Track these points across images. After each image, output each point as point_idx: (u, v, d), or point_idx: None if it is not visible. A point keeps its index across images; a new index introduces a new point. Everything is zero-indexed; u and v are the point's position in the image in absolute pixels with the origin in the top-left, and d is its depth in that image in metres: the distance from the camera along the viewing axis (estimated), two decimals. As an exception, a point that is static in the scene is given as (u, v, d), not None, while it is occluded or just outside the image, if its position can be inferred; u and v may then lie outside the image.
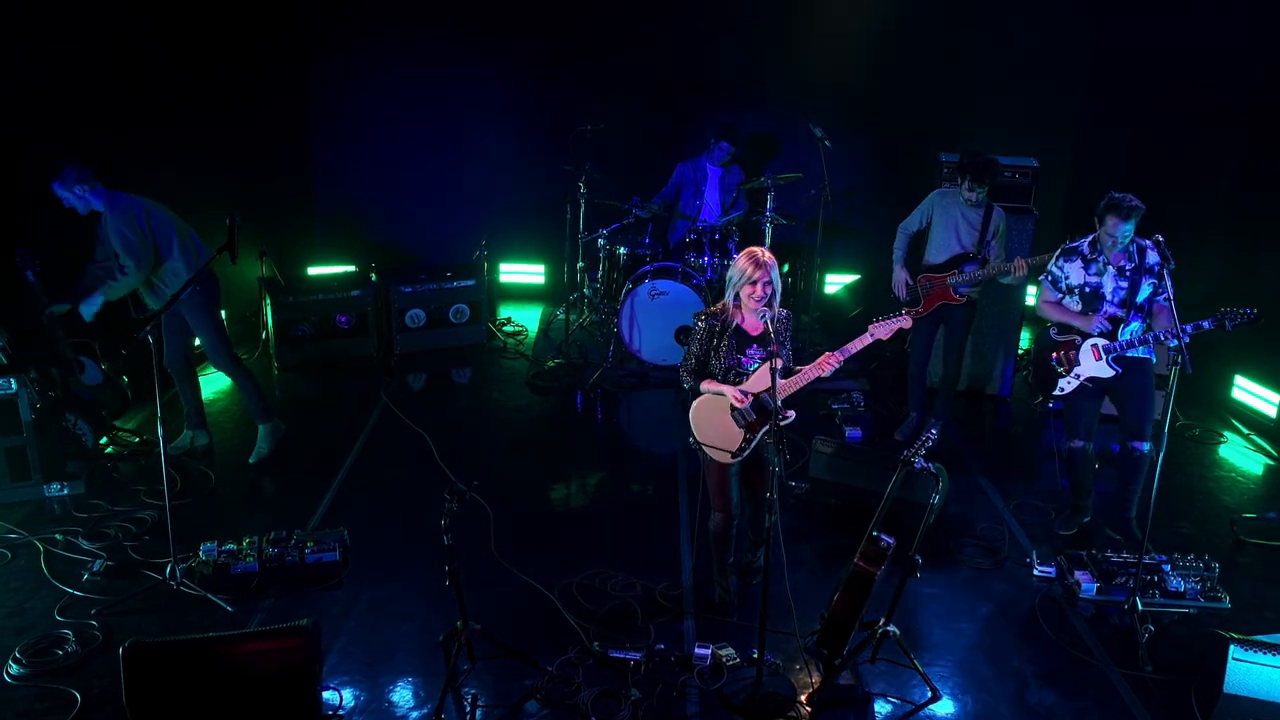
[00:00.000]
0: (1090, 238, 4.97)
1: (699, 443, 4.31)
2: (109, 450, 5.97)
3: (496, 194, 8.87)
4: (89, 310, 5.40)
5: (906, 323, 4.22)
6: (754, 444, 4.22)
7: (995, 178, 5.90)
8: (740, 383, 4.19)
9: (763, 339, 4.19)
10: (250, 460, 5.94)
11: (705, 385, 4.22)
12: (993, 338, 7.04)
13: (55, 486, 5.46)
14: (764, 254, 4.08)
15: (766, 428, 4.18)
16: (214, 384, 7.03)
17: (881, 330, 4.20)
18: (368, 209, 8.92)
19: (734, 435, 4.22)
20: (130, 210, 5.33)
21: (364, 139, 8.78)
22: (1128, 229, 4.74)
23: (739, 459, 4.25)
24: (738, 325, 4.21)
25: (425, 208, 8.93)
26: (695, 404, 4.28)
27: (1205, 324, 4.50)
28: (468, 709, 3.90)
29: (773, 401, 3.90)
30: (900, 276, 6.21)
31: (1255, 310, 4.45)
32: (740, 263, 4.12)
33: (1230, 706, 3.84)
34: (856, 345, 4.16)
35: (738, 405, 4.14)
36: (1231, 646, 3.82)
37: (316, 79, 8.67)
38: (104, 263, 5.50)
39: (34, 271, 5.29)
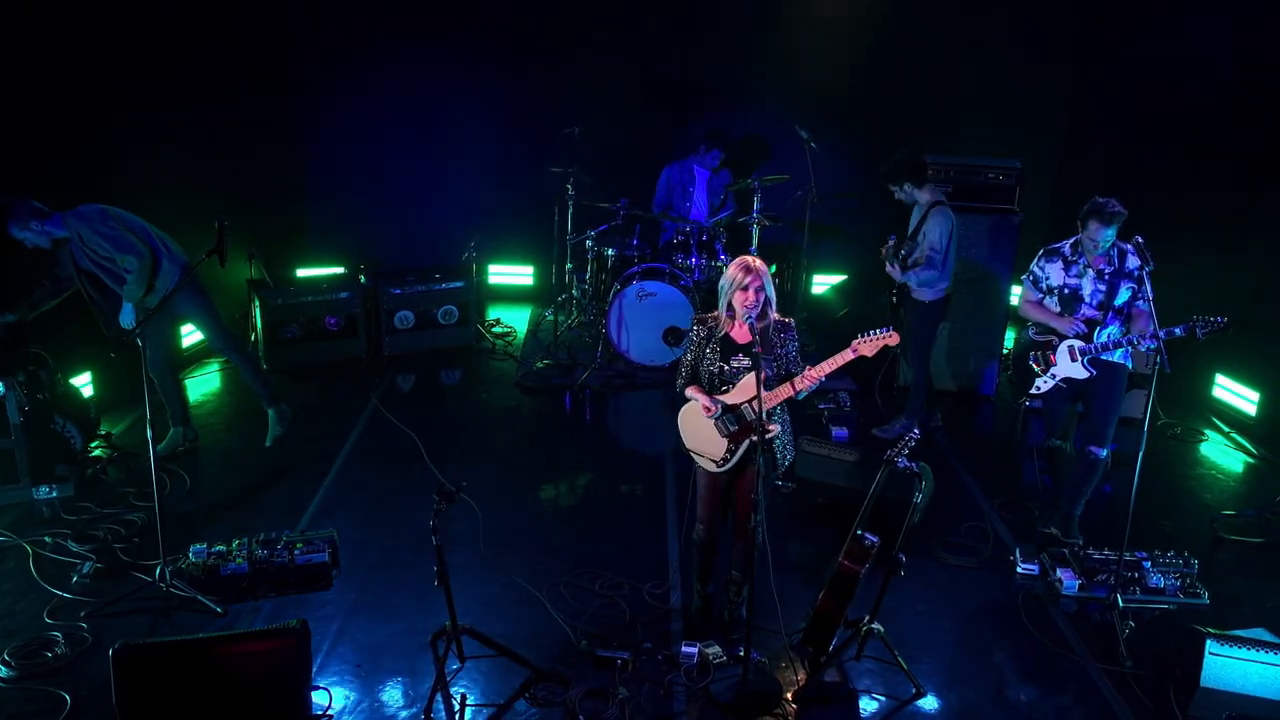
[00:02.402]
0: (1072, 240, 5.03)
1: (688, 450, 4.31)
2: (96, 453, 5.97)
3: (485, 196, 8.90)
4: (128, 320, 5.55)
5: (892, 339, 3.98)
6: (738, 455, 4.16)
7: (901, 175, 6.03)
8: (724, 392, 4.15)
9: (749, 348, 4.12)
10: (267, 443, 6.10)
11: (689, 391, 4.21)
12: (976, 338, 7.12)
13: (44, 489, 5.46)
14: (755, 261, 4.04)
15: (751, 439, 4.13)
16: (202, 386, 7.04)
17: (866, 347, 3.99)
18: (356, 210, 8.93)
19: (718, 444, 4.19)
20: (96, 215, 5.44)
21: (353, 140, 8.79)
22: (1109, 234, 4.80)
23: (724, 469, 4.22)
24: (726, 333, 4.15)
25: (414, 209, 8.96)
26: (682, 410, 4.29)
27: (1177, 330, 4.55)
28: (457, 708, 3.93)
29: (760, 410, 3.89)
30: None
31: (1225, 319, 4.50)
32: (730, 270, 4.05)
33: (1206, 700, 3.91)
34: (839, 361, 4.02)
35: (704, 414, 4.11)
36: (1208, 641, 3.89)
37: (306, 80, 8.68)
38: (66, 281, 5.55)
39: None
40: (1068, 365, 5.00)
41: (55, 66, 6.00)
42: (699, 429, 4.22)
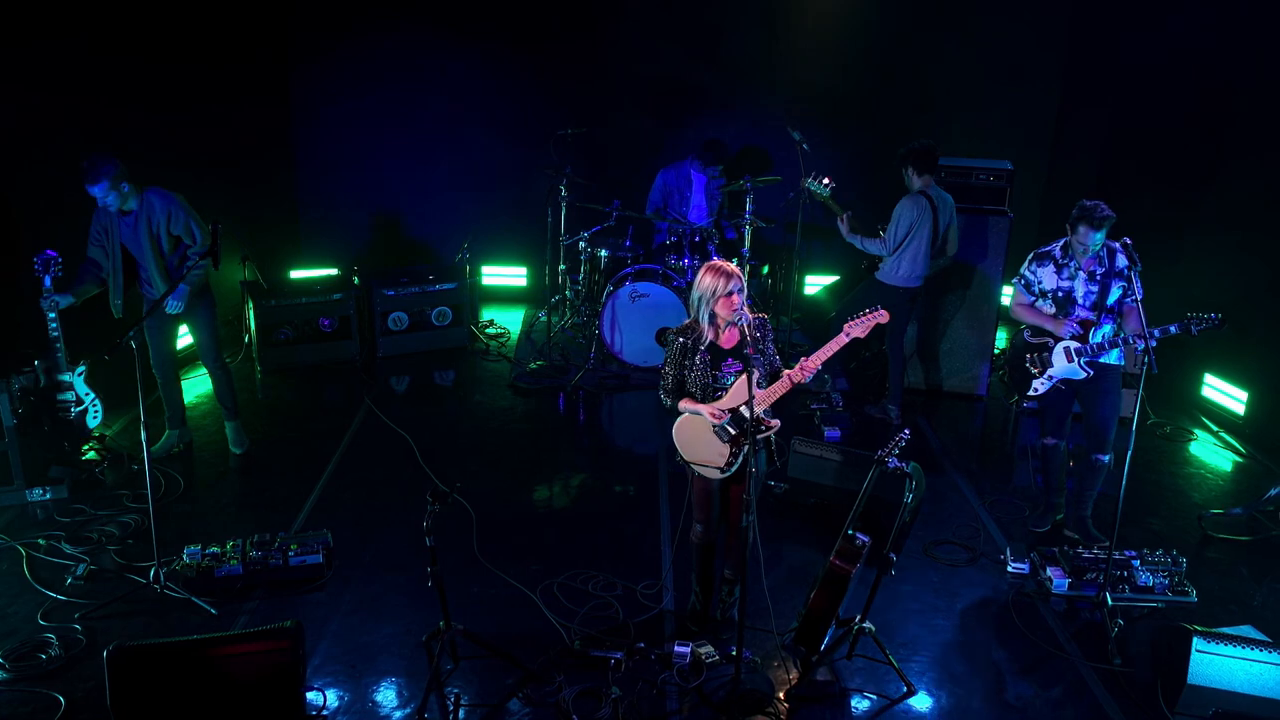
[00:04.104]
0: (1061, 242, 5.06)
1: (686, 461, 4.27)
2: (90, 455, 5.97)
3: (478, 197, 8.90)
4: (177, 305, 5.55)
5: (883, 317, 4.08)
6: (741, 457, 4.14)
7: (906, 160, 6.36)
8: (718, 398, 4.14)
9: (737, 351, 4.14)
10: (238, 451, 6.11)
11: (683, 405, 4.16)
12: (968, 338, 7.15)
13: (37, 491, 5.46)
14: (727, 265, 4.03)
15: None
16: (197, 387, 7.04)
17: (857, 329, 4.06)
18: (350, 212, 8.93)
19: (720, 451, 4.16)
20: (178, 195, 5.49)
21: (347, 142, 8.79)
22: (1098, 238, 4.84)
23: (728, 473, 4.20)
24: (711, 341, 4.13)
25: (407, 210, 8.97)
26: (677, 424, 4.24)
27: (1172, 329, 4.61)
28: (451, 708, 3.95)
29: (749, 413, 3.90)
30: None
31: (1220, 316, 4.55)
32: (706, 280, 4.00)
33: (1194, 697, 3.95)
34: (833, 347, 4.10)
35: (715, 423, 4.09)
36: (1194, 639, 3.93)
37: (300, 82, 8.68)
38: (97, 264, 5.48)
39: (53, 276, 5.26)
40: (1064, 366, 5.04)
41: (52, 67, 6.00)
42: (698, 439, 4.19)
